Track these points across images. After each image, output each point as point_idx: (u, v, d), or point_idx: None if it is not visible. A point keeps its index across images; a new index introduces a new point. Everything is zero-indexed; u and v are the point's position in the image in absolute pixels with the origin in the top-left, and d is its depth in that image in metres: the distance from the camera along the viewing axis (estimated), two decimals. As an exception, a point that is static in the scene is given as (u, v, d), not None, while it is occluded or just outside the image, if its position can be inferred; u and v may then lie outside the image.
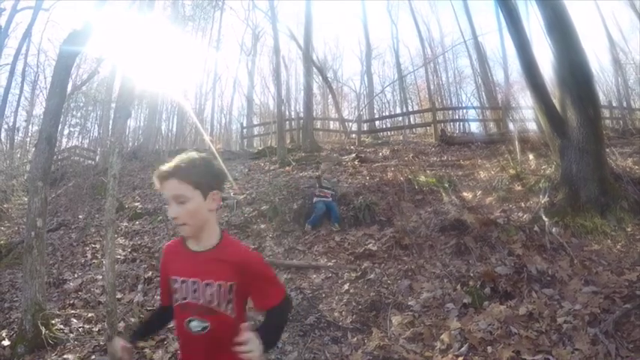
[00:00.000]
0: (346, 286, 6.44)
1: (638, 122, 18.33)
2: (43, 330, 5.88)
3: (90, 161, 23.29)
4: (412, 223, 7.88)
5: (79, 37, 6.66)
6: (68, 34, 6.67)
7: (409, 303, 5.72)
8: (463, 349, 4.64)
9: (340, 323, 5.51)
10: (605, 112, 18.55)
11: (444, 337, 4.87)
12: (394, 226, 7.94)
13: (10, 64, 21.43)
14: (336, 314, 5.75)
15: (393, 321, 5.33)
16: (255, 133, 26.37)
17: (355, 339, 5.10)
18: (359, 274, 6.70)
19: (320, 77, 26.29)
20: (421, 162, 12.37)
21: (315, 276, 6.94)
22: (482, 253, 6.59)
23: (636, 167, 8.86)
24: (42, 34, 34.16)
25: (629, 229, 6.75)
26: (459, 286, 5.84)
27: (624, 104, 22.69)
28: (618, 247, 6.36)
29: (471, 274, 6.04)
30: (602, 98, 20.88)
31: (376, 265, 6.87)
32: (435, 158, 12.88)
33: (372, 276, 6.53)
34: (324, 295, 6.33)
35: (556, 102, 7.82)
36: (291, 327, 5.53)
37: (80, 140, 28.97)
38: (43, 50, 26.53)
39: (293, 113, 23.73)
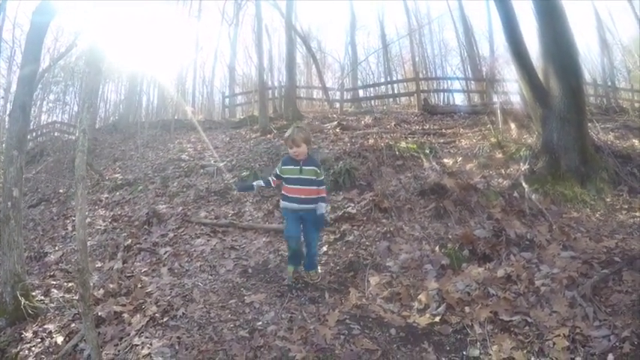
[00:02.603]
0: (324, 248, 6.42)
1: (621, 101, 18.46)
2: (23, 301, 5.82)
3: (70, 136, 23.06)
4: (392, 187, 7.86)
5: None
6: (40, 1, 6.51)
7: (387, 264, 5.72)
8: (440, 308, 4.65)
9: (317, 283, 5.51)
10: (590, 90, 18.60)
11: (422, 297, 4.88)
12: (374, 190, 7.91)
13: None
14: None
15: (371, 281, 5.32)
16: (238, 102, 26.14)
17: (333, 299, 5.09)
18: (337, 236, 6.68)
19: (304, 47, 26.08)
20: (403, 130, 12.35)
21: (294, 239, 6.90)
22: (461, 217, 6.61)
23: (617, 142, 8.91)
24: (17, 9, 33.39)
25: (608, 200, 6.82)
26: (437, 248, 5.84)
27: (609, 83, 22.80)
28: (597, 215, 6.41)
29: (450, 237, 6.06)
30: (587, 77, 20.96)
31: (355, 227, 6.85)
32: (416, 127, 12.86)
33: (350, 238, 6.52)
34: None
35: (539, 72, 7.80)
36: (269, 288, 5.53)
37: (60, 116, 28.58)
38: (18, 25, 25.84)
39: (276, 83, 23.49)
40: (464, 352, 4.05)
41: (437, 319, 4.51)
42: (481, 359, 3.94)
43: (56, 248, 8.29)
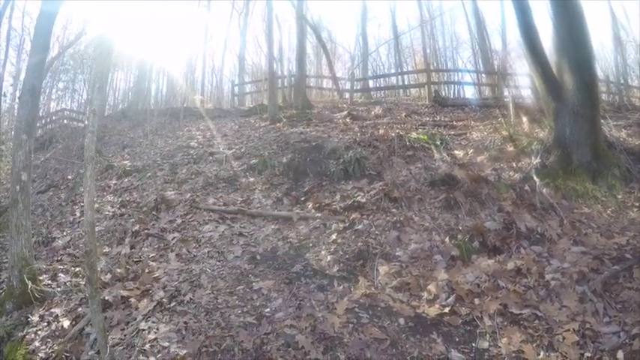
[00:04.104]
0: (334, 236, 6.41)
1: (634, 99, 18.30)
2: (30, 285, 5.86)
3: (79, 123, 23.14)
4: (402, 177, 7.82)
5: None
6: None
7: (397, 253, 5.72)
8: (450, 299, 4.66)
9: (327, 271, 5.51)
10: (602, 87, 18.42)
11: (431, 287, 4.88)
12: (384, 179, 7.88)
13: None
14: (322, 263, 5.73)
15: (380, 270, 5.33)
16: (247, 91, 26.06)
17: (341, 287, 5.09)
18: (347, 224, 6.66)
19: (314, 37, 25.93)
20: (413, 121, 12.27)
21: (302, 226, 6.91)
22: (471, 208, 6.58)
23: (630, 139, 8.82)
24: (26, -3, 33.26)
25: (619, 196, 6.75)
26: (447, 239, 5.83)
27: (621, 81, 22.58)
28: (608, 212, 6.35)
29: (460, 228, 6.04)
30: (600, 74, 20.71)
31: (364, 216, 6.82)
32: (427, 118, 12.74)
33: (360, 227, 6.50)
34: (311, 245, 6.31)
35: (553, 66, 7.71)
36: (277, 275, 5.54)
37: (69, 104, 28.66)
38: (27, 13, 25.82)
39: (286, 72, 23.38)
40: (473, 344, 4.06)
41: (446, 309, 4.51)
42: (490, 351, 3.94)
43: (64, 233, 8.31)
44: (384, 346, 4.03)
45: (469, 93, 22.53)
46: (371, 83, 24.43)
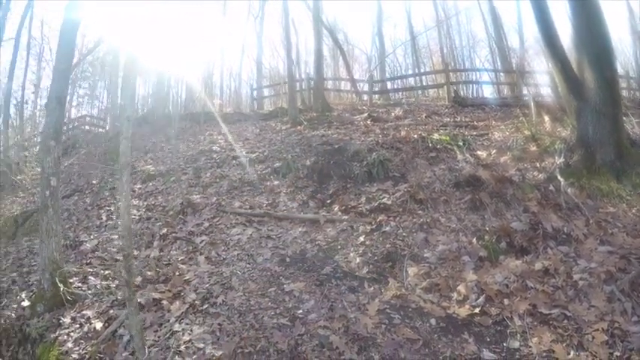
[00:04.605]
0: (361, 238, 6.46)
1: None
2: (62, 288, 5.98)
3: (100, 129, 23.44)
4: (426, 179, 7.86)
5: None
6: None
7: (425, 255, 5.76)
8: (480, 300, 4.70)
9: (356, 273, 5.56)
10: (622, 83, 18.20)
11: (461, 288, 4.92)
12: (408, 181, 7.93)
13: (15, 38, 21.26)
14: (352, 265, 5.79)
15: (409, 272, 5.37)
16: (265, 95, 26.20)
17: (372, 288, 5.15)
18: (374, 226, 6.71)
19: (330, 39, 25.99)
20: (434, 122, 12.29)
21: (330, 229, 6.97)
22: (497, 209, 6.60)
23: (653, 136, 8.78)
24: (45, 6, 33.89)
25: (644, 195, 6.73)
26: (474, 240, 5.87)
27: (642, 76, 22.29)
28: (633, 211, 6.33)
29: (487, 229, 6.07)
30: (620, 70, 20.43)
31: (391, 218, 6.86)
32: (448, 119, 12.76)
33: (387, 229, 6.55)
34: (339, 247, 6.37)
35: (573, 63, 7.69)
36: (308, 277, 5.62)
37: (90, 110, 29.12)
38: (46, 22, 26.27)
39: (303, 75, 23.43)
40: (504, 344, 4.10)
41: (476, 310, 4.55)
42: (521, 351, 3.98)
43: (91, 237, 8.40)
44: (417, 346, 4.09)
45: (487, 92, 22.38)
46: (389, 85, 24.43)
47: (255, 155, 10.86)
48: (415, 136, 9.93)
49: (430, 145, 9.35)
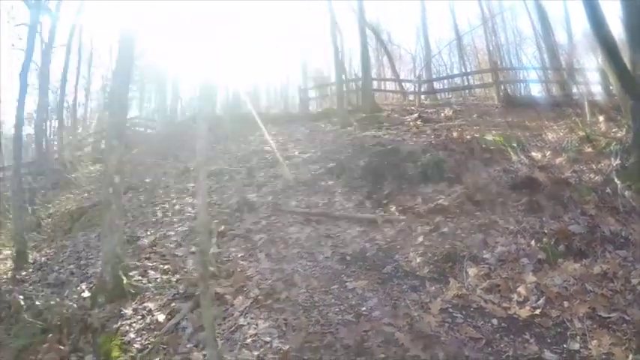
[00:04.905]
0: (420, 239, 6.53)
1: None
2: (125, 280, 6.29)
3: (150, 130, 24.10)
4: (482, 181, 7.87)
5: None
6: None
7: (484, 256, 5.81)
8: (540, 302, 4.73)
9: (417, 273, 5.65)
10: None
11: (521, 289, 4.96)
12: (463, 183, 7.97)
13: (66, 45, 22.17)
14: (412, 264, 5.87)
15: (469, 272, 5.44)
16: (311, 96, 26.36)
17: (433, 288, 5.24)
18: (432, 227, 6.78)
19: (374, 40, 25.99)
20: (485, 122, 12.23)
21: (388, 229, 7.07)
22: (554, 212, 6.58)
23: None
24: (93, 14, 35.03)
25: (703, 198, 6.62)
26: (533, 242, 5.87)
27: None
28: (692, 215, 6.26)
29: (545, 231, 6.07)
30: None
31: (448, 219, 6.94)
32: (499, 119, 12.62)
33: (445, 230, 6.62)
34: (398, 247, 6.45)
35: (627, 62, 7.58)
36: (369, 275, 5.74)
37: (139, 112, 30.03)
38: (94, 28, 27.57)
39: (349, 75, 23.49)
40: (564, 345, 4.14)
41: (537, 311, 4.60)
42: (581, 353, 4.01)
43: (148, 233, 8.72)
44: (480, 345, 4.18)
45: (536, 91, 22.04)
46: (435, 85, 24.31)
47: (307, 155, 11.06)
48: (468, 137, 9.97)
49: (484, 146, 9.36)
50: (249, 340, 4.67)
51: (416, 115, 13.87)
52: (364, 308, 4.95)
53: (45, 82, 18.78)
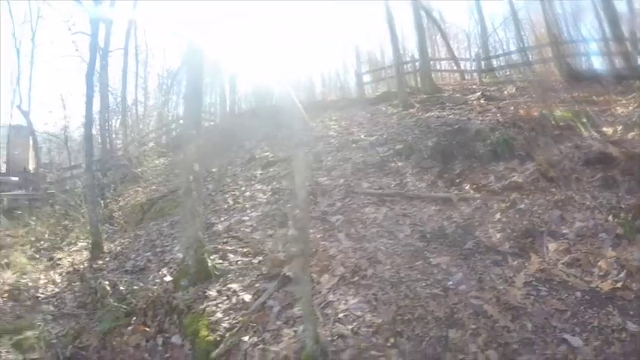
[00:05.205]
0: (498, 216, 6.65)
1: None
2: (210, 263, 6.66)
3: (210, 122, 24.83)
4: (554, 157, 7.86)
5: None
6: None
7: (563, 231, 5.90)
8: (621, 275, 4.82)
9: (499, 248, 5.81)
10: None
11: (601, 264, 5.06)
12: (535, 160, 7.95)
13: (123, 48, 23.43)
14: (493, 240, 6.02)
15: (549, 247, 5.54)
16: (365, 80, 26.36)
17: (515, 262, 5.39)
18: (508, 204, 6.86)
19: (426, 19, 25.76)
20: (551, 98, 12.06)
21: (463, 207, 7.20)
22: (630, 187, 6.58)
23: None
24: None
25: None
26: (610, 217, 5.93)
27: None
28: None
29: (622, 206, 6.10)
30: None
31: (524, 196, 7.00)
32: (564, 94, 12.44)
33: (522, 206, 6.70)
34: (477, 224, 6.60)
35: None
36: (451, 251, 5.93)
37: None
38: (148, 30, 28.52)
39: (404, 58, 23.41)
40: (648, 318, 4.23)
41: (618, 285, 4.70)
42: (666, 326, 4.10)
43: (221, 219, 9.05)
44: (566, 316, 4.33)
45: (598, 64, 21.47)
46: (494, 62, 23.96)
47: (374, 138, 11.15)
48: (535, 113, 9.91)
49: (552, 122, 9.30)
50: (341, 315, 4.90)
51: (478, 93, 13.78)
52: (450, 282, 5.14)
53: (105, 84, 19.77)
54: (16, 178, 21.87)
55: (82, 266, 8.97)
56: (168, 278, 7.09)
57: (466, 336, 4.24)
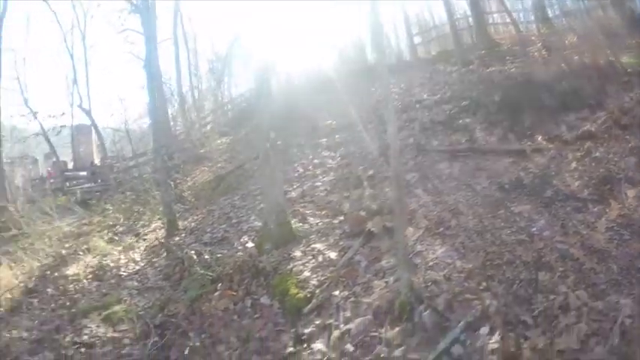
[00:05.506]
0: (574, 164, 6.76)
1: None
2: (294, 225, 7.11)
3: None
4: (625, 104, 7.77)
5: None
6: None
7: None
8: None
9: (578, 195, 5.94)
10: None
11: (681, 209, 5.16)
12: (605, 108, 7.91)
13: (172, 37, 25.23)
14: (572, 188, 6.16)
15: (628, 194, 5.63)
16: (417, 42, 26.03)
17: (596, 208, 5.54)
18: (583, 153, 6.93)
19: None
20: (615, 45, 11.79)
21: (538, 158, 7.32)
22: None
23: None
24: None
25: None
26: (685, 166, 5.95)
27: None
28: None
29: (697, 153, 6.11)
30: None
31: (598, 144, 7.02)
32: (629, 40, 12.16)
33: (597, 154, 6.75)
34: (553, 173, 6.71)
35: None
36: (531, 200, 6.13)
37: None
38: (193, 18, 29.63)
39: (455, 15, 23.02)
40: None
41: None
42: None
43: (294, 187, 9.48)
44: (650, 259, 4.50)
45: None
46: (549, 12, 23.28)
47: (437, 97, 11.21)
48: (601, 61, 9.76)
49: (620, 69, 9.17)
50: (431, 263, 5.22)
51: (539, 44, 13.54)
52: (534, 229, 5.37)
53: (158, 73, 20.56)
54: (85, 173, 23.57)
55: (161, 242, 9.66)
56: (250, 245, 7.57)
57: (555, 278, 4.46)
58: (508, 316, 4.13)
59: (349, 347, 4.58)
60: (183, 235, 9.72)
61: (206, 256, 7.53)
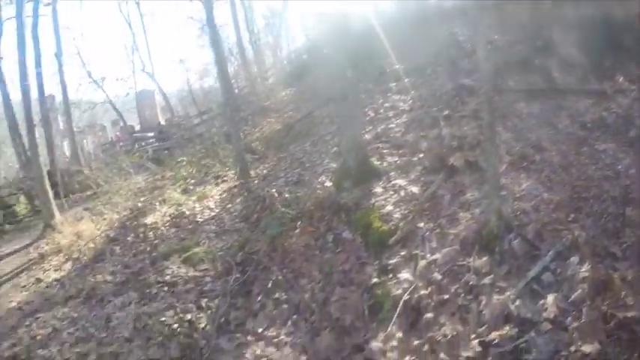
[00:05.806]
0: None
1: None
2: (376, 163, 7.31)
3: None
4: None
5: None
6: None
7: None
8: None
9: (669, 134, 6.02)
10: None
11: None
12: None
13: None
14: (660, 128, 6.22)
15: None
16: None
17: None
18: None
19: None
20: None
21: (620, 98, 7.37)
22: None
23: None
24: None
25: None
26: None
27: None
28: None
29: None
30: None
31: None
32: None
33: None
34: (637, 114, 6.77)
35: None
36: (616, 139, 6.27)
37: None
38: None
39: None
40: None
41: None
42: None
43: (368, 129, 9.53)
44: None
45: None
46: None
47: (506, 39, 11.05)
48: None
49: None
50: (518, 195, 5.45)
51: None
52: (620, 166, 5.55)
53: (216, 34, 21.14)
54: (152, 133, 25.37)
55: (239, 185, 10.20)
56: (328, 184, 7.89)
57: (642, 214, 4.64)
58: (597, 247, 4.32)
59: (437, 276, 4.79)
60: (256, 182, 10.14)
61: (286, 195, 7.92)
